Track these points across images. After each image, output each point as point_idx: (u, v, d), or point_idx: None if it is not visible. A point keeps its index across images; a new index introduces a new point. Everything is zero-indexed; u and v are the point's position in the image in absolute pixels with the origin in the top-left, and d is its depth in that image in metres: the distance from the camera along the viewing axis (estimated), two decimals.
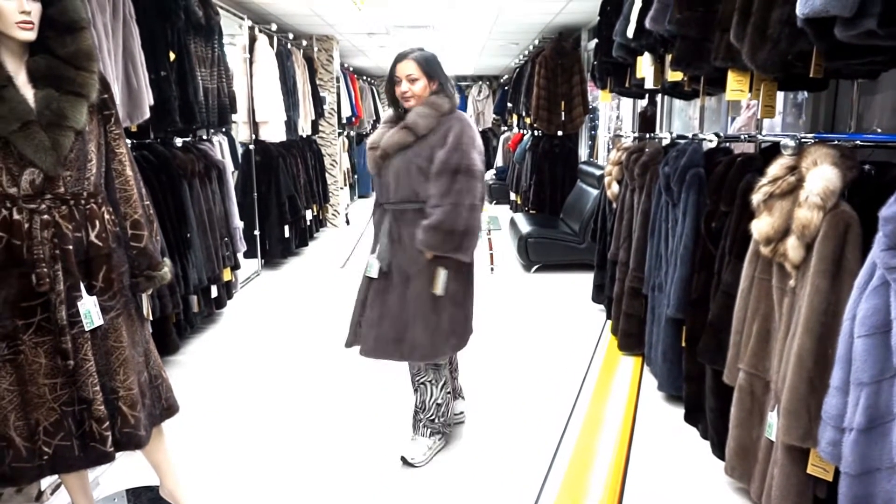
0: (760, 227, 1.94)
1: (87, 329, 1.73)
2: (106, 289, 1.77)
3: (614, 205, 3.94)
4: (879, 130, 2.49)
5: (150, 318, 2.07)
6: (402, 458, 2.55)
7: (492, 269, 5.75)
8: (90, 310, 1.72)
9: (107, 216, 1.79)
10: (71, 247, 1.69)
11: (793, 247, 1.83)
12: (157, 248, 1.93)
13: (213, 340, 4.03)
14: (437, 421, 2.60)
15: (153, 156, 3.54)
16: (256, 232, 5.67)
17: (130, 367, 1.83)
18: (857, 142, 1.87)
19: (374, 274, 2.47)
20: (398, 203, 2.42)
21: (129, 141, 3.28)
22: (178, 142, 3.84)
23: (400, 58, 2.40)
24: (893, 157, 1.96)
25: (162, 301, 3.25)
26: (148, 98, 3.22)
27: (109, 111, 1.79)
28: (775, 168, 1.95)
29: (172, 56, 3.61)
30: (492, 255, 5.85)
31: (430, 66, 2.40)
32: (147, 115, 3.20)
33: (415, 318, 2.40)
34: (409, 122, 2.36)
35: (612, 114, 6.37)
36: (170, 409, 2.02)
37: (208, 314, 4.18)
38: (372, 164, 2.45)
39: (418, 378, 2.58)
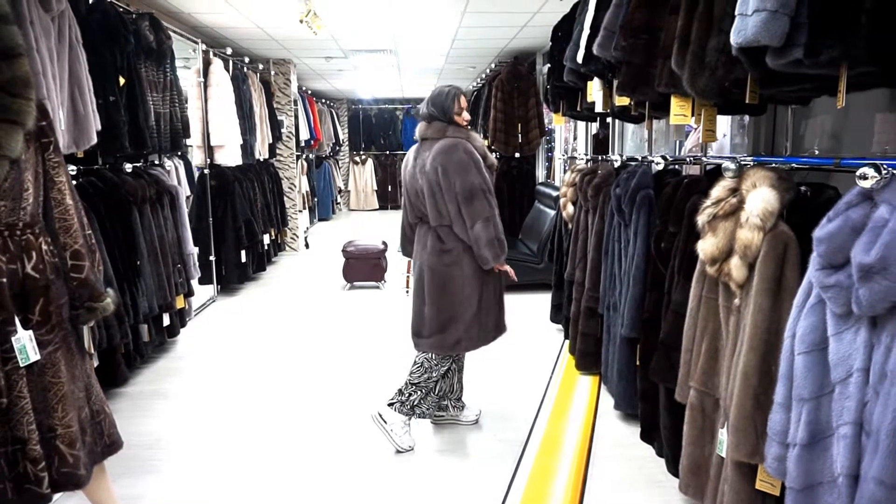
0: (706, 247, 1.98)
1: (22, 365, 1.66)
2: (43, 322, 1.71)
3: (570, 225, 4.00)
4: (818, 152, 2.60)
5: (93, 350, 2.00)
6: (477, 417, 3.12)
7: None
8: (25, 345, 1.66)
9: (45, 247, 1.73)
10: (4, 279, 1.63)
11: (736, 266, 1.88)
12: (99, 279, 1.88)
13: (164, 370, 3.91)
14: None
15: (101, 182, 3.45)
16: (212, 257, 5.56)
17: (69, 404, 1.76)
18: (793, 165, 1.94)
19: None
20: None
21: (76, 167, 3.22)
22: (128, 167, 3.76)
23: (459, 92, 2.84)
24: (827, 178, 2.04)
25: (109, 331, 3.15)
26: (95, 123, 3.14)
27: (48, 139, 1.74)
28: (718, 190, 2.00)
29: (122, 81, 3.55)
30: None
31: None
32: (94, 140, 3.12)
33: None
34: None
35: (568, 136, 6.50)
36: (113, 445, 1.95)
37: (160, 343, 4.06)
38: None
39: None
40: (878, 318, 1.35)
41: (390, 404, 2.86)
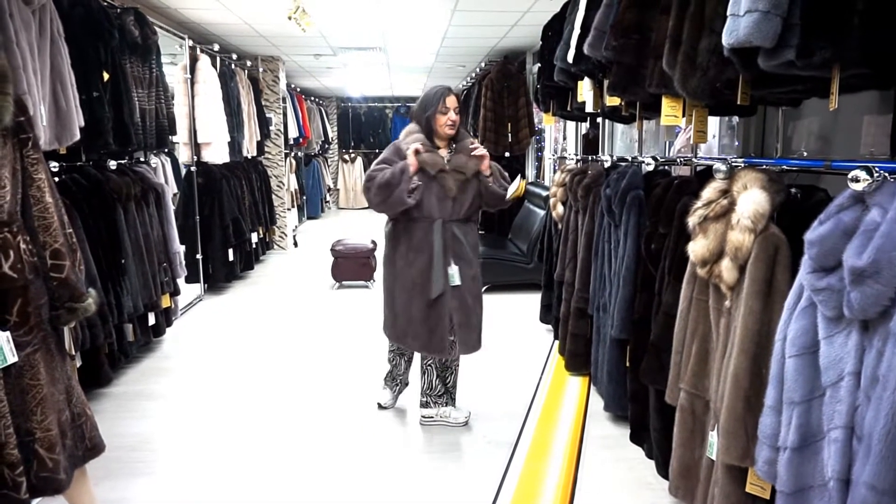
0: (696, 249, 1.97)
1: None
2: (21, 323, 1.66)
3: (559, 226, 3.99)
4: (805, 154, 2.60)
5: (74, 352, 1.96)
6: (468, 418, 3.06)
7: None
8: (3, 346, 1.61)
9: (23, 246, 1.68)
10: None
11: (727, 268, 1.87)
12: (81, 279, 1.83)
13: (149, 370, 3.85)
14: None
15: (85, 179, 3.39)
16: (199, 256, 5.50)
17: (49, 407, 1.72)
18: (784, 166, 1.93)
19: (458, 281, 2.84)
20: (465, 219, 2.88)
21: (59, 164, 3.16)
22: (113, 164, 3.70)
23: (448, 92, 2.81)
24: (818, 180, 2.03)
25: (93, 331, 3.09)
26: (78, 119, 3.09)
27: (26, 135, 1.70)
28: (709, 192, 1.99)
29: (106, 76, 3.49)
30: None
31: (460, 100, 2.88)
32: (77, 136, 3.07)
33: (479, 311, 2.94)
34: (477, 150, 2.82)
35: (558, 135, 6.49)
36: (94, 448, 1.91)
37: (145, 343, 4.01)
38: (452, 184, 2.78)
39: (455, 363, 3.04)
40: (870, 322, 1.34)
41: None
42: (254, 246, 6.56)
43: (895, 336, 1.25)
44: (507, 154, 6.90)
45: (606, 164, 3.52)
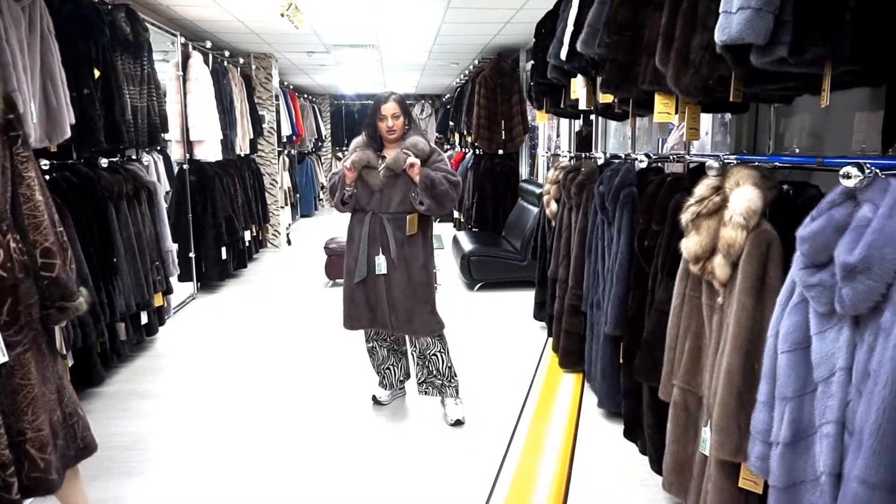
0: (689, 245, 1.98)
1: None
2: (11, 322, 1.65)
3: (553, 223, 3.99)
4: (798, 151, 2.61)
5: (66, 351, 1.95)
6: (458, 421, 3.02)
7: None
8: None
9: (13, 244, 1.67)
10: None
11: (719, 265, 1.87)
12: (71, 278, 1.82)
13: (142, 369, 3.84)
14: (455, 380, 3.11)
15: (76, 177, 3.37)
16: (192, 254, 5.48)
17: (40, 407, 1.70)
18: (776, 163, 1.94)
19: (385, 270, 2.92)
20: (399, 213, 2.90)
21: (50, 161, 3.13)
22: (104, 162, 3.68)
23: (384, 100, 2.89)
24: (809, 177, 2.04)
25: (84, 330, 3.08)
26: (69, 117, 3.07)
27: (16, 132, 1.68)
28: (701, 188, 2.00)
29: (97, 73, 3.47)
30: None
31: (405, 106, 2.93)
32: (68, 134, 3.04)
33: (418, 300, 2.92)
34: (412, 150, 2.84)
35: (552, 133, 6.50)
36: (86, 448, 1.90)
37: (138, 342, 3.99)
38: (377, 180, 2.88)
39: (429, 351, 3.04)
40: (861, 318, 1.35)
41: None
42: (247, 244, 6.54)
43: (886, 331, 1.25)
44: (500, 151, 6.90)
45: (600, 162, 3.52)
